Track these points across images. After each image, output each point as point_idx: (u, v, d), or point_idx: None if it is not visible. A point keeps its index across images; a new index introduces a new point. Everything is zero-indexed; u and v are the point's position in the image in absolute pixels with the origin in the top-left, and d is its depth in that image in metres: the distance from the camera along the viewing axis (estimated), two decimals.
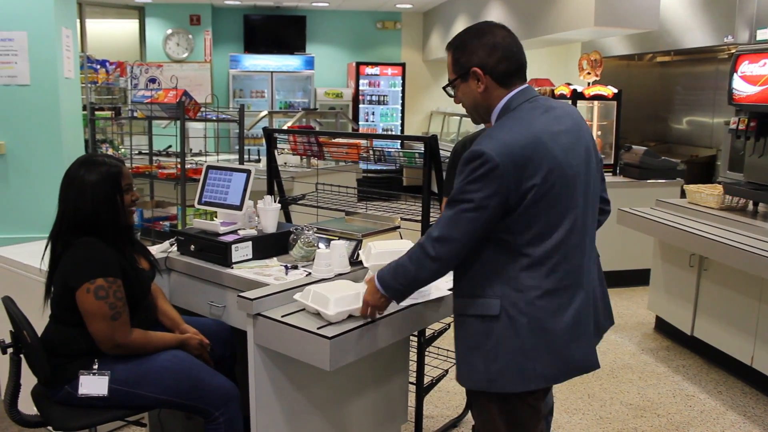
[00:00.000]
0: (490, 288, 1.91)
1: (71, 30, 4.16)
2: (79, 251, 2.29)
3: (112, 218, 2.37)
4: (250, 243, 2.70)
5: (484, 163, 1.80)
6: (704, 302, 4.32)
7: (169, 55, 10.00)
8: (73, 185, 2.34)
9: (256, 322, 2.24)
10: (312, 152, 3.38)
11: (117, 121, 4.37)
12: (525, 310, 1.89)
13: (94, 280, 2.23)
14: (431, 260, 1.90)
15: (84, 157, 2.46)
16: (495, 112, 1.96)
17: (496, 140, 1.83)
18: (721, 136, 7.86)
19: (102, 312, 2.23)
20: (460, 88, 1.99)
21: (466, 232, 1.87)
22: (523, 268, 1.89)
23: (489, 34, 1.94)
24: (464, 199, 1.84)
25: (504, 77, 1.94)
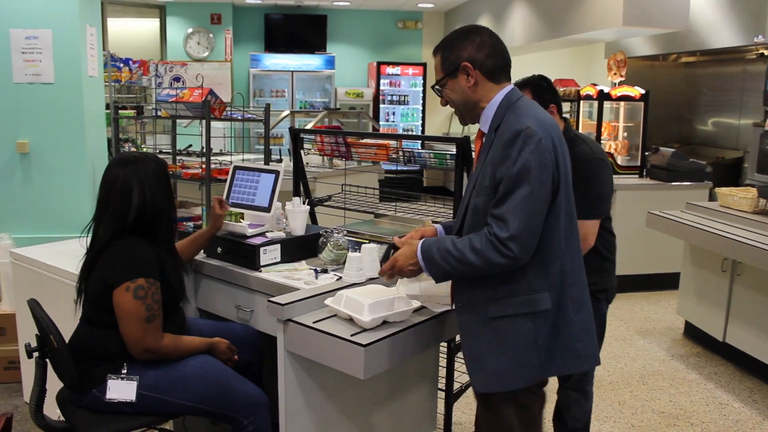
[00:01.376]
0: (536, 282, 1.90)
1: (95, 28, 4.13)
2: (122, 250, 2.25)
3: (171, 213, 2.38)
4: (278, 246, 2.64)
5: (531, 136, 1.81)
6: (737, 308, 4.21)
7: (189, 54, 10.00)
8: (135, 180, 2.29)
9: (287, 328, 2.18)
10: (339, 153, 3.32)
11: (140, 120, 4.34)
12: (569, 293, 1.94)
13: (135, 279, 2.19)
14: (509, 260, 1.82)
15: (120, 156, 2.42)
16: (491, 107, 1.95)
17: (533, 118, 1.85)
18: (749, 137, 7.71)
19: (138, 313, 2.18)
20: (449, 86, 1.99)
21: (536, 213, 1.82)
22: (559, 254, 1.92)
23: (475, 33, 1.98)
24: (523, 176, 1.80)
25: (493, 72, 1.96)
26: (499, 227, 1.81)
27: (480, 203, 1.90)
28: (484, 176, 1.90)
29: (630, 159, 6.24)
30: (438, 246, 1.94)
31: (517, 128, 1.83)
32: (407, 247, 2.03)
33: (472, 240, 1.86)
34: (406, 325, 2.14)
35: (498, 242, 1.81)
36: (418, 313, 2.24)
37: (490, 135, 1.95)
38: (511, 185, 1.81)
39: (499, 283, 1.92)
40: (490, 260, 1.83)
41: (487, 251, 1.83)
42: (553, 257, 1.91)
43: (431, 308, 2.29)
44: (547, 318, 1.92)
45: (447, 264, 1.91)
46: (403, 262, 2.02)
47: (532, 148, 1.81)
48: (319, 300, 2.27)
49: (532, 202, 1.81)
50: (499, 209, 1.83)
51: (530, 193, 1.80)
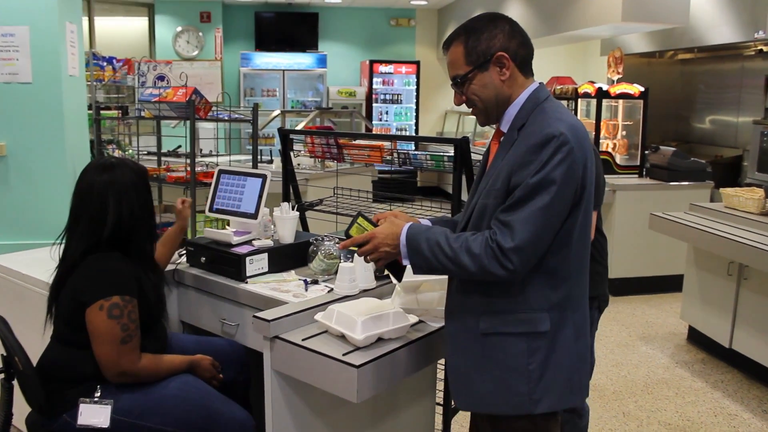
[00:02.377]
0: (536, 300, 1.71)
1: (76, 25, 3.95)
2: (96, 265, 2.08)
3: (151, 225, 2.21)
4: (265, 255, 2.48)
5: (564, 143, 1.62)
6: (744, 313, 4.07)
7: (178, 53, 9.81)
8: (112, 190, 2.12)
9: (274, 346, 2.02)
10: (331, 154, 3.16)
11: (124, 121, 4.16)
12: (572, 319, 1.76)
13: (109, 297, 2.03)
14: (507, 272, 1.63)
15: (97, 161, 2.24)
16: (515, 105, 1.76)
17: (566, 123, 1.66)
18: (747, 135, 7.60)
19: (112, 333, 2.02)
20: (477, 80, 1.75)
21: (548, 228, 1.65)
22: (570, 275, 1.74)
23: (502, 19, 1.77)
24: (545, 186, 1.61)
25: (525, 64, 1.77)
26: (504, 235, 1.63)
27: (490, 205, 1.72)
28: (497, 178, 1.71)
29: (629, 158, 6.10)
30: (428, 236, 1.72)
31: (549, 132, 1.63)
32: (389, 226, 1.79)
33: (469, 241, 1.67)
34: (403, 343, 1.99)
35: (499, 251, 1.63)
36: (415, 328, 2.08)
37: (510, 135, 1.75)
38: (529, 193, 1.63)
39: (496, 295, 1.73)
40: (485, 268, 1.64)
41: (485, 258, 1.64)
42: (560, 276, 1.72)
43: (429, 322, 2.13)
44: (544, 341, 1.72)
45: (435, 259, 1.70)
46: (381, 240, 1.76)
47: (562, 158, 1.62)
48: (309, 315, 2.11)
49: (546, 215, 1.63)
50: (509, 215, 1.64)
51: (548, 204, 1.62)
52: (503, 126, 1.79)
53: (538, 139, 1.64)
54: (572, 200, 1.67)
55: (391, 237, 1.76)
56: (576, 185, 1.66)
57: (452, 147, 2.68)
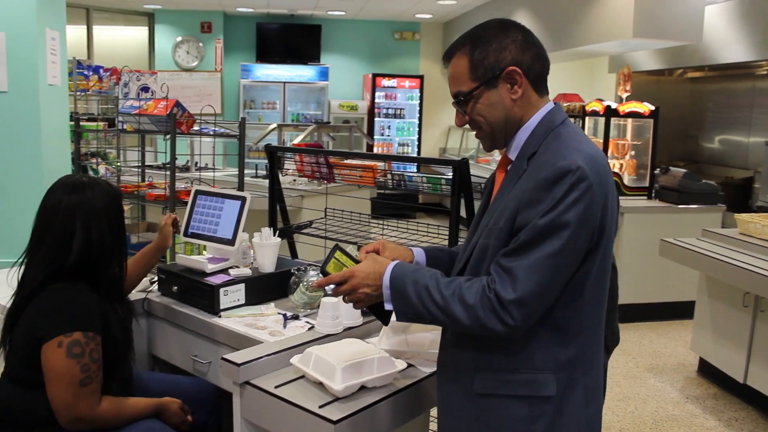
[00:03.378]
0: (541, 359, 1.46)
1: (58, 32, 3.76)
2: (57, 296, 1.86)
3: (122, 253, 1.99)
4: (242, 286, 2.26)
5: (581, 179, 1.38)
6: (760, 347, 3.83)
7: (178, 64, 9.65)
8: (80, 212, 1.90)
9: (244, 392, 1.79)
10: (321, 174, 2.94)
11: (107, 133, 3.96)
12: (583, 381, 1.50)
13: (70, 333, 1.80)
14: (506, 328, 1.39)
15: (66, 180, 2.01)
16: (526, 129, 1.51)
17: (584, 154, 1.42)
18: (759, 156, 7.39)
19: (70, 374, 1.79)
20: (483, 99, 1.50)
21: (556, 279, 1.40)
22: (583, 330, 1.49)
23: (514, 27, 1.51)
24: (556, 230, 1.38)
25: (540, 81, 1.52)
26: (504, 284, 1.39)
27: (491, 246, 1.48)
28: (501, 215, 1.47)
29: (638, 179, 5.87)
30: (416, 279, 1.48)
31: (563, 166, 1.39)
32: (371, 264, 1.55)
33: (463, 288, 1.44)
34: (389, 392, 1.76)
35: (497, 303, 1.39)
36: (403, 374, 1.85)
37: (519, 164, 1.50)
38: (537, 236, 1.38)
39: (494, 351, 1.49)
40: (481, 322, 1.41)
41: (481, 310, 1.40)
42: (570, 331, 1.47)
43: (420, 367, 1.91)
44: (549, 407, 1.47)
45: (423, 306, 1.46)
46: (361, 280, 1.53)
47: (577, 197, 1.37)
48: (285, 357, 1.88)
49: (555, 263, 1.39)
50: (512, 261, 1.40)
51: (558, 251, 1.38)
52: (511, 153, 1.55)
53: (550, 173, 1.39)
54: (588, 245, 1.43)
55: (372, 277, 1.52)
56: (593, 228, 1.42)
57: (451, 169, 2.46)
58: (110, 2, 9.11)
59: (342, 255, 1.61)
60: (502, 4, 8.28)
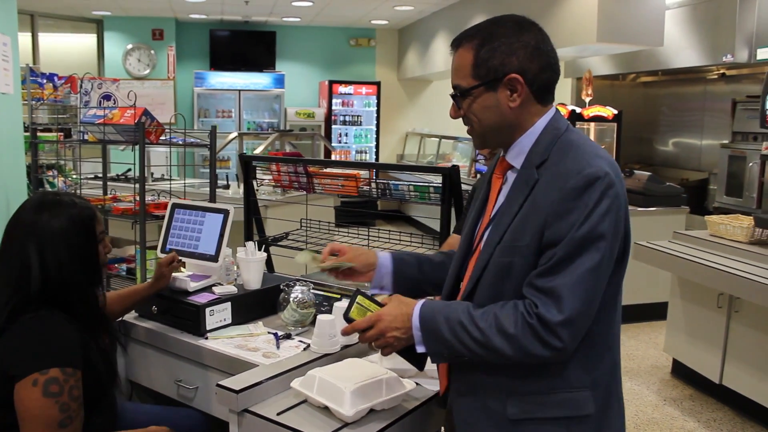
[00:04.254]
0: (577, 376, 1.39)
1: (10, 37, 3.53)
2: (30, 328, 1.68)
3: (88, 280, 1.79)
4: (228, 304, 2.12)
5: (610, 186, 1.33)
6: (735, 347, 3.85)
7: (129, 72, 9.36)
8: (33, 236, 1.71)
9: (243, 421, 1.66)
10: (299, 184, 2.83)
11: (65, 144, 3.75)
12: (617, 393, 1.47)
13: (47, 370, 1.62)
14: (554, 352, 1.32)
15: (39, 197, 1.83)
16: (530, 136, 1.45)
17: (605, 160, 1.37)
18: (712, 158, 7.55)
19: (47, 415, 1.61)
20: (481, 100, 1.44)
21: (598, 293, 1.35)
22: (614, 341, 1.46)
23: (529, 32, 1.43)
24: (593, 241, 1.32)
25: (544, 91, 1.45)
26: (549, 307, 1.31)
27: (516, 265, 1.39)
28: (522, 231, 1.38)
29: None
30: (447, 315, 1.40)
31: (592, 173, 1.32)
32: (397, 305, 1.47)
33: (500, 318, 1.35)
34: (399, 415, 1.66)
35: (543, 328, 1.31)
36: (410, 394, 1.75)
37: (528, 173, 1.42)
38: (574, 250, 1.31)
39: (526, 372, 1.40)
40: (527, 350, 1.32)
41: (525, 338, 1.32)
42: (605, 345, 1.42)
43: (426, 385, 1.81)
44: (587, 426, 1.40)
45: (459, 343, 1.37)
46: (388, 324, 1.44)
47: (609, 205, 1.32)
48: (284, 380, 1.76)
49: (597, 276, 1.33)
50: (552, 280, 1.32)
51: (598, 264, 1.32)
52: (513, 159, 1.47)
53: (579, 182, 1.32)
54: (618, 253, 1.38)
55: (400, 319, 1.44)
56: (621, 237, 1.38)
57: (440, 176, 2.38)
58: (56, 8, 8.78)
59: (364, 299, 1.52)
60: (459, 9, 8.27)
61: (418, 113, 10.83)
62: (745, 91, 6.93)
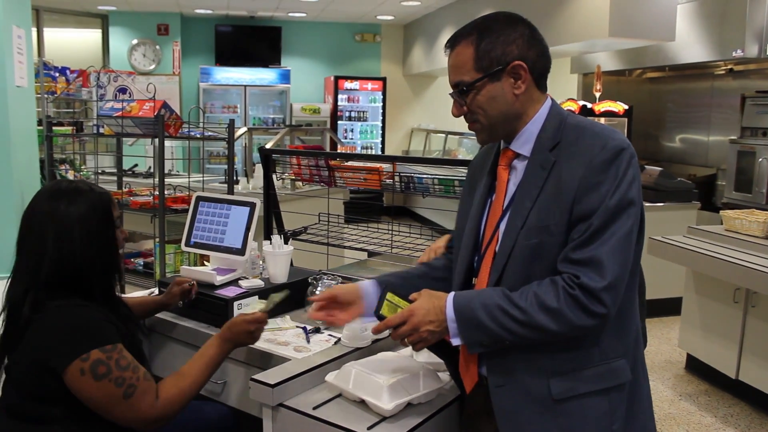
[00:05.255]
0: (611, 346, 1.44)
1: (24, 30, 3.52)
2: (58, 318, 1.66)
3: (108, 264, 1.77)
4: (256, 298, 2.10)
5: (633, 155, 1.41)
6: (752, 342, 3.84)
7: (134, 67, 9.32)
8: (52, 222, 1.70)
9: (278, 416, 1.64)
10: (320, 177, 2.80)
11: (79, 138, 3.72)
12: (641, 357, 1.53)
13: (87, 354, 1.60)
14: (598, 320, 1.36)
15: (54, 185, 1.81)
16: (536, 122, 1.48)
17: (618, 133, 1.44)
18: (719, 154, 7.53)
19: (109, 395, 1.61)
20: (485, 91, 1.46)
21: (630, 257, 1.41)
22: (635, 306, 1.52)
23: (521, 22, 1.49)
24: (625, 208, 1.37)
25: (541, 78, 1.51)
26: (591, 275, 1.34)
27: (547, 244, 1.40)
28: (547, 211, 1.41)
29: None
30: (483, 302, 1.39)
31: (616, 145, 1.38)
32: (428, 299, 1.45)
33: (540, 295, 1.36)
34: (436, 408, 1.64)
35: (587, 296, 1.33)
36: (446, 387, 1.73)
37: (542, 157, 1.46)
38: (610, 218, 1.36)
39: (565, 350, 1.41)
40: (572, 323, 1.35)
41: (569, 310, 1.34)
42: (632, 312, 1.48)
43: None
44: (623, 393, 1.45)
45: (501, 327, 1.37)
46: (422, 318, 1.42)
47: (634, 173, 1.39)
48: (318, 374, 1.74)
49: (630, 241, 1.38)
50: (591, 250, 1.35)
51: (631, 228, 1.38)
52: (520, 147, 1.50)
53: (607, 155, 1.38)
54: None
55: (433, 312, 1.43)
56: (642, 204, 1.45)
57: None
58: (61, 3, 8.74)
59: (394, 296, 1.50)
60: (466, 4, 8.24)
61: (424, 109, 10.81)
62: (753, 86, 6.90)
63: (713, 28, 6.56)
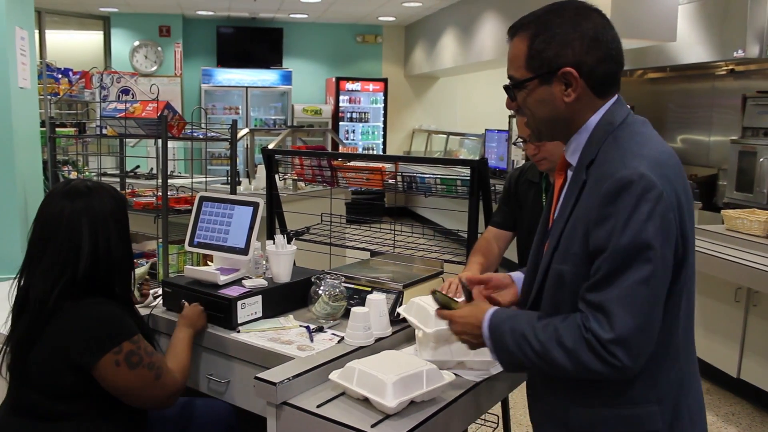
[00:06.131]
0: (642, 391, 1.32)
1: (27, 32, 3.53)
2: (83, 315, 1.72)
3: (130, 259, 1.88)
4: (259, 298, 2.11)
5: (648, 189, 1.23)
6: (753, 341, 3.85)
7: (136, 69, 9.34)
8: (82, 220, 1.74)
9: (282, 414, 1.65)
10: (323, 177, 2.81)
11: (82, 139, 3.73)
12: (686, 405, 1.37)
13: (119, 347, 1.70)
14: (614, 370, 1.25)
15: (70, 185, 1.85)
16: (584, 131, 1.37)
17: (647, 159, 1.27)
18: (720, 154, 7.54)
19: (145, 381, 1.75)
20: (535, 93, 1.36)
21: (655, 307, 1.25)
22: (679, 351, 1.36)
23: (587, 20, 1.33)
24: (639, 252, 1.22)
25: (603, 84, 1.35)
26: (600, 323, 1.24)
27: (567, 274, 1.33)
28: (572, 238, 1.33)
29: None
30: (512, 327, 1.37)
31: (625, 177, 1.24)
32: (470, 309, 1.48)
33: (559, 331, 1.29)
34: (440, 406, 1.65)
35: (597, 344, 1.24)
36: (450, 385, 1.74)
37: (578, 173, 1.36)
38: (619, 263, 1.23)
39: (589, 384, 1.34)
40: (585, 365, 1.26)
41: (582, 353, 1.26)
42: (669, 357, 1.33)
43: (466, 376, 1.80)
44: None
45: (523, 355, 1.34)
46: (461, 328, 1.48)
47: (650, 210, 1.22)
48: (321, 373, 1.75)
49: (650, 289, 1.23)
50: (599, 294, 1.25)
51: (649, 276, 1.23)
52: (570, 156, 1.42)
53: (611, 186, 1.25)
54: (675, 258, 1.28)
55: (470, 326, 1.46)
56: (676, 239, 1.27)
57: (468, 169, 2.36)
58: (63, 5, 8.76)
59: (443, 296, 1.57)
60: (468, 5, 8.25)
61: (425, 110, 10.82)
62: (754, 87, 6.91)
63: (714, 28, 6.56)
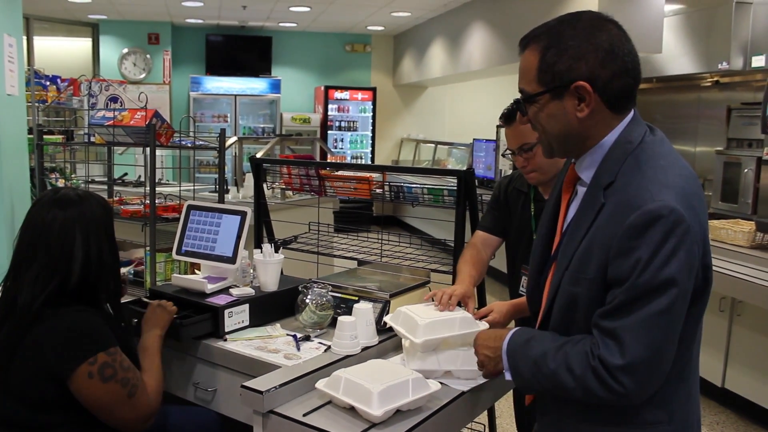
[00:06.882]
0: (652, 411, 1.32)
1: (15, 39, 3.53)
2: (61, 326, 1.70)
3: (117, 266, 1.89)
4: (246, 306, 2.11)
5: (677, 223, 1.20)
6: (737, 351, 3.88)
7: (125, 76, 9.32)
8: (75, 228, 1.75)
9: (268, 423, 1.66)
10: (311, 187, 2.82)
11: (70, 146, 3.73)
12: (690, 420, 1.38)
13: (94, 358, 1.67)
14: (618, 397, 1.25)
15: (59, 193, 1.85)
16: (600, 149, 1.34)
17: (673, 188, 1.24)
18: (706, 165, 7.61)
19: (115, 396, 1.70)
20: (546, 108, 1.32)
21: (670, 337, 1.24)
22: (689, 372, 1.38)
23: (602, 32, 1.28)
24: (661, 288, 1.20)
25: (618, 99, 1.31)
26: (609, 349, 1.23)
27: (581, 296, 1.31)
28: (586, 262, 1.30)
29: None
30: (525, 353, 1.38)
31: (653, 210, 1.20)
32: (492, 334, 1.58)
33: (569, 357, 1.29)
34: (426, 415, 1.66)
35: (604, 370, 1.23)
36: (436, 394, 1.75)
37: (595, 194, 1.33)
38: (639, 296, 1.21)
39: (599, 404, 1.32)
40: (590, 390, 1.26)
41: (588, 379, 1.26)
42: (681, 377, 1.33)
43: (452, 385, 1.81)
44: None
45: (535, 380, 1.36)
46: (481, 350, 1.56)
47: (676, 245, 1.19)
48: (308, 382, 1.75)
49: (668, 321, 1.22)
50: (613, 322, 1.24)
51: (667, 308, 1.21)
52: (582, 171, 1.38)
53: (639, 220, 1.21)
54: (694, 288, 1.27)
55: (492, 349, 1.51)
56: (697, 271, 1.26)
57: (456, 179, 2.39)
58: (51, 12, 8.74)
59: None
60: (457, 16, 8.31)
61: (414, 119, 10.86)
62: (739, 98, 6.99)
63: (699, 40, 6.65)
